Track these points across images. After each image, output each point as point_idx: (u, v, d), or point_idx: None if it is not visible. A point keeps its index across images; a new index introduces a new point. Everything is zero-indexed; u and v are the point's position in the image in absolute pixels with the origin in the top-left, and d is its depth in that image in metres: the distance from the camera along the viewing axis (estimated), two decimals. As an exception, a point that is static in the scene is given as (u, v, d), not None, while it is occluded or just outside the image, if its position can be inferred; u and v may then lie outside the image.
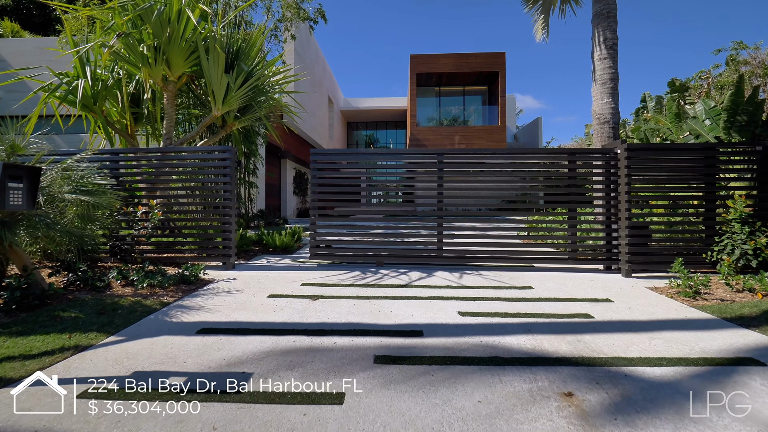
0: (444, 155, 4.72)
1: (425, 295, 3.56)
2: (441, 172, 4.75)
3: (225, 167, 4.58)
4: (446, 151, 4.71)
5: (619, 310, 3.11)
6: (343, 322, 2.82)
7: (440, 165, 4.73)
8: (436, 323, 2.81)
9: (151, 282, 3.58)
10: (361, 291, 3.69)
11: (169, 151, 4.79)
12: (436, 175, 4.77)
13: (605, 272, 4.52)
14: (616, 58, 6.74)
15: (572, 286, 3.86)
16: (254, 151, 9.50)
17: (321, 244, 5.02)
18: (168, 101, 5.23)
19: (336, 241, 5.00)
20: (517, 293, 3.62)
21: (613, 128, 6.69)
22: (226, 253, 4.57)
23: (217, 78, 4.80)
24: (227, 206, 4.59)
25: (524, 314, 3.00)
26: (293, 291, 3.69)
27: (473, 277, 4.24)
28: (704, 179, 4.30)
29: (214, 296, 3.52)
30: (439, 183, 4.78)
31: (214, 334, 2.62)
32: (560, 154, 4.83)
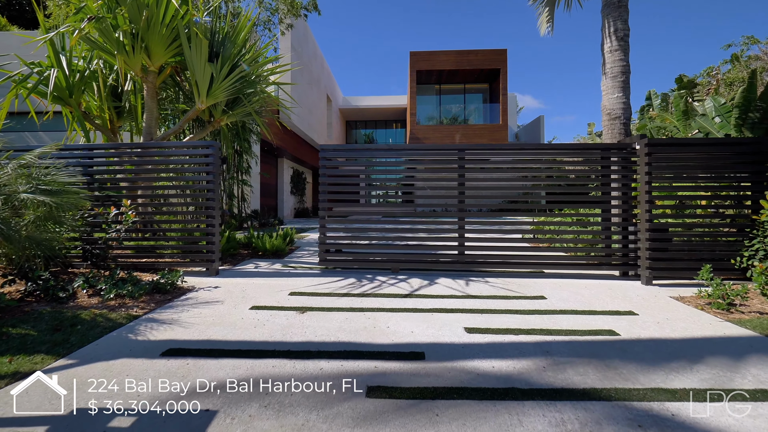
0: (465, 150, 4.34)
1: (427, 306, 3.19)
2: (462, 169, 4.37)
3: (208, 164, 4.20)
4: (467, 146, 4.33)
5: (647, 325, 2.74)
6: (333, 341, 2.45)
7: (461, 161, 4.36)
8: (440, 342, 2.44)
9: (119, 292, 3.20)
10: (356, 302, 3.32)
11: (148, 147, 4.41)
12: (457, 172, 4.39)
13: (622, 279, 4.15)
14: (627, 50, 6.37)
15: (589, 296, 3.50)
16: (247, 149, 9.11)
17: (331, 248, 4.63)
18: (148, 93, 4.84)
19: (347, 245, 4.60)
20: (529, 304, 3.25)
21: (624, 124, 6.32)
22: (209, 258, 4.20)
23: (200, 67, 4.42)
24: (210, 207, 4.21)
25: (540, 331, 2.64)
26: (279, 302, 3.32)
27: (479, 285, 3.87)
28: (736, 178, 3.94)
29: (190, 308, 3.14)
30: (461, 182, 4.39)
31: (182, 356, 2.24)
32: (577, 150, 4.44)
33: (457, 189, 4.42)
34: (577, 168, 4.80)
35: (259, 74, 5.23)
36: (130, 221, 3.72)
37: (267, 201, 16.48)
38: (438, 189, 4.61)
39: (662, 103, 14.13)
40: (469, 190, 4.40)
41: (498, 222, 4.48)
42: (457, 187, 4.41)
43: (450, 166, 4.42)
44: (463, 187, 4.40)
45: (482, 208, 18.94)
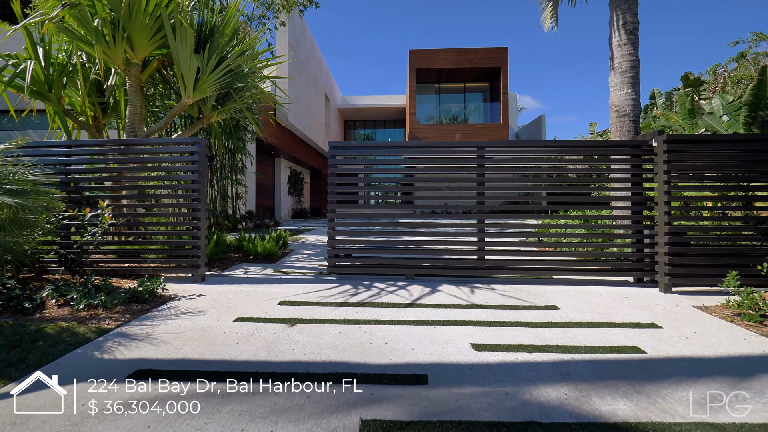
0: (485, 148, 4.05)
1: (429, 318, 2.91)
2: (482, 168, 4.08)
3: (193, 162, 3.92)
4: (487, 143, 4.04)
5: (674, 340, 2.46)
6: (324, 361, 2.16)
7: (480, 160, 4.07)
8: (445, 363, 2.15)
9: (90, 302, 2.91)
10: (351, 312, 3.04)
11: (129, 144, 4.12)
12: (476, 171, 4.10)
13: (636, 285, 3.88)
14: (637, 44, 6.11)
15: (604, 305, 3.22)
16: (241, 148, 8.83)
17: (340, 253, 4.32)
18: (131, 87, 4.56)
19: (358, 249, 4.30)
20: (541, 315, 2.97)
21: (634, 121, 6.07)
22: (194, 263, 3.91)
23: (185, 59, 4.13)
24: (196, 208, 3.92)
25: (555, 347, 2.36)
26: (267, 312, 3.03)
27: (485, 293, 3.59)
28: (765, 177, 3.66)
29: (169, 320, 2.85)
30: (480, 182, 4.10)
31: (150, 380, 1.96)
32: (599, 147, 4.13)
33: (476, 189, 4.11)
34: (596, 167, 4.51)
35: (249, 68, 4.94)
36: (106, 224, 3.44)
37: (263, 201, 16.19)
38: (455, 189, 4.30)
39: (666, 102, 13.88)
40: (489, 190, 4.11)
41: (516, 224, 4.19)
42: (476, 188, 4.12)
43: (469, 164, 4.13)
44: (483, 187, 4.09)
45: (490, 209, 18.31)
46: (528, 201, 4.11)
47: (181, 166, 4.06)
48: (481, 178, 4.09)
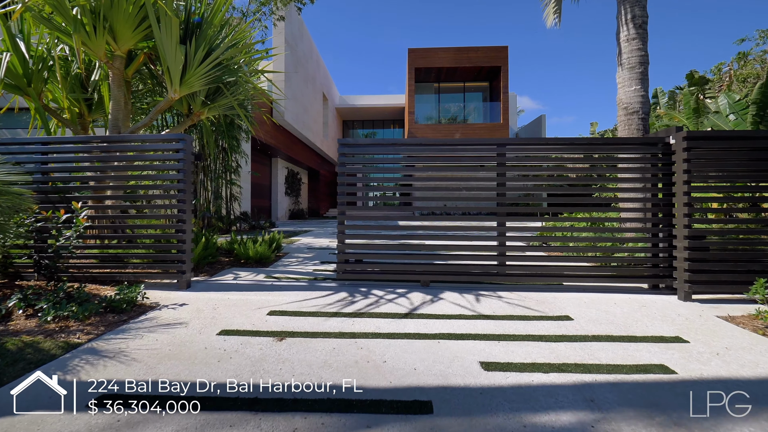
0: (506, 146, 3.79)
1: (431, 330, 2.66)
2: (503, 167, 3.82)
3: (178, 160, 3.66)
4: (509, 140, 3.79)
5: (704, 358, 2.22)
6: (314, 384, 1.91)
7: (501, 158, 3.82)
8: (452, 386, 1.90)
9: (59, 313, 2.65)
10: (346, 324, 2.79)
11: (110, 141, 3.85)
12: (496, 171, 3.85)
13: (652, 293, 3.64)
14: (646, 39, 5.88)
15: (621, 316, 2.97)
16: (235, 147, 8.57)
17: (350, 258, 4.03)
18: (114, 81, 4.29)
19: (369, 254, 4.01)
20: (554, 327, 2.72)
21: (643, 119, 5.84)
22: (179, 268, 3.64)
23: (170, 50, 3.87)
24: (181, 209, 3.66)
25: (575, 367, 2.11)
26: (255, 324, 2.77)
27: (492, 302, 3.35)
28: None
29: (146, 333, 2.59)
30: (500, 182, 3.84)
31: (116, 406, 1.70)
32: (623, 145, 3.88)
33: (497, 190, 3.86)
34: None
35: (241, 61, 4.69)
36: (81, 227, 3.17)
37: (260, 202, 15.93)
38: (474, 190, 4.05)
39: (669, 101, 13.68)
40: (510, 191, 3.86)
41: (538, 228, 3.93)
42: (497, 188, 3.86)
43: (489, 163, 3.89)
44: (504, 187, 3.83)
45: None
46: (542, 202, 3.84)
47: (165, 165, 3.80)
48: (502, 178, 3.83)
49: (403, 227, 4.12)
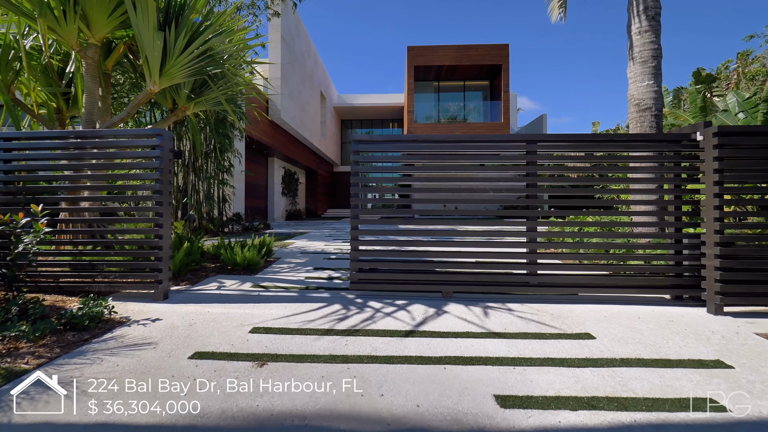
0: (537, 143, 3.44)
1: (436, 352, 2.32)
2: (534, 166, 3.47)
3: (155, 158, 3.31)
4: (538, 136, 3.45)
5: (758, 389, 1.89)
6: (296, 427, 1.57)
7: (531, 156, 3.47)
8: (464, 431, 1.57)
9: (5, 333, 2.30)
10: (339, 344, 2.45)
11: (81, 136, 3.50)
12: (526, 170, 3.50)
13: (675, 304, 3.31)
14: (659, 31, 5.57)
15: (648, 333, 2.65)
16: (227, 145, 8.22)
17: (365, 266, 3.67)
18: (88, 72, 3.94)
19: (384, 262, 3.69)
20: (576, 348, 2.39)
21: (656, 116, 5.53)
22: (155, 277, 3.30)
23: (148, 36, 3.53)
24: (158, 212, 3.32)
25: (606, 401, 1.78)
26: (234, 344, 2.43)
27: (502, 316, 3.01)
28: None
29: (106, 357, 2.25)
30: (531, 182, 3.50)
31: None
32: (654, 141, 3.53)
33: (527, 191, 3.51)
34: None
35: (230, 50, 4.34)
36: (41, 232, 2.82)
37: (256, 203, 15.57)
38: (502, 191, 3.69)
39: (674, 100, 13.41)
40: (542, 192, 3.52)
41: (574, 233, 3.59)
42: (527, 189, 3.51)
43: (518, 162, 3.55)
44: (535, 189, 3.49)
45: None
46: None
47: (141, 163, 3.45)
48: (533, 178, 3.47)
49: (422, 232, 3.77)
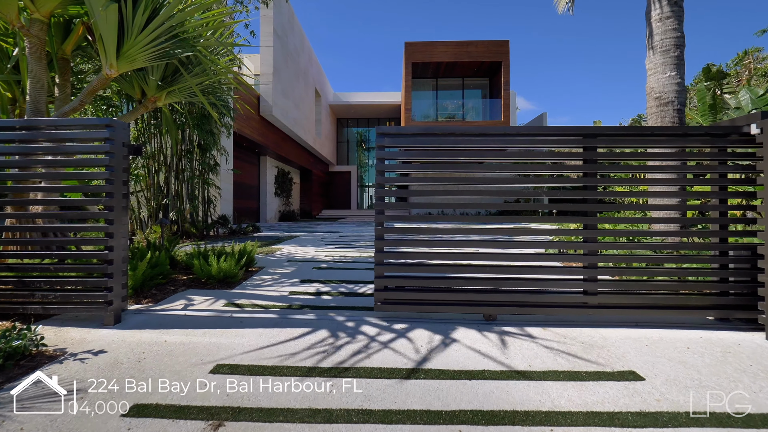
0: (598, 137, 2.86)
1: (446, 404, 1.80)
2: (594, 165, 2.90)
3: (105, 152, 2.76)
4: (597, 129, 2.85)
5: None
6: None
7: (590, 153, 2.89)
8: None
9: None
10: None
11: (3, 128, 2.92)
12: (585, 170, 2.93)
13: (722, 327, 2.82)
14: (682, 17, 5.09)
15: (707, 372, 2.14)
16: (212, 143, 7.64)
17: (390, 285, 3.01)
18: (33, 53, 3.37)
19: (412, 278, 3.08)
20: (623, 396, 1.87)
21: (679, 110, 5.05)
22: (104, 297, 2.74)
23: (99, 10, 2.97)
24: (108, 219, 2.77)
25: (691, 492, 1.26)
26: (188, 391, 1.89)
27: (523, 345, 2.50)
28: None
29: (10, 416, 1.70)
30: (591, 184, 2.92)
31: None
32: (718, 134, 2.95)
33: (585, 194, 2.91)
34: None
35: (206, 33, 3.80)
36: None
37: (246, 203, 14.98)
38: (557, 189, 3.11)
39: (680, 98, 13.04)
40: (602, 194, 2.92)
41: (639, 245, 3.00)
42: (585, 191, 2.91)
43: (575, 160, 3.00)
44: (594, 191, 2.89)
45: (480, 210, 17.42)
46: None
47: (89, 159, 2.88)
48: (594, 180, 2.89)
49: (456, 243, 3.19)
